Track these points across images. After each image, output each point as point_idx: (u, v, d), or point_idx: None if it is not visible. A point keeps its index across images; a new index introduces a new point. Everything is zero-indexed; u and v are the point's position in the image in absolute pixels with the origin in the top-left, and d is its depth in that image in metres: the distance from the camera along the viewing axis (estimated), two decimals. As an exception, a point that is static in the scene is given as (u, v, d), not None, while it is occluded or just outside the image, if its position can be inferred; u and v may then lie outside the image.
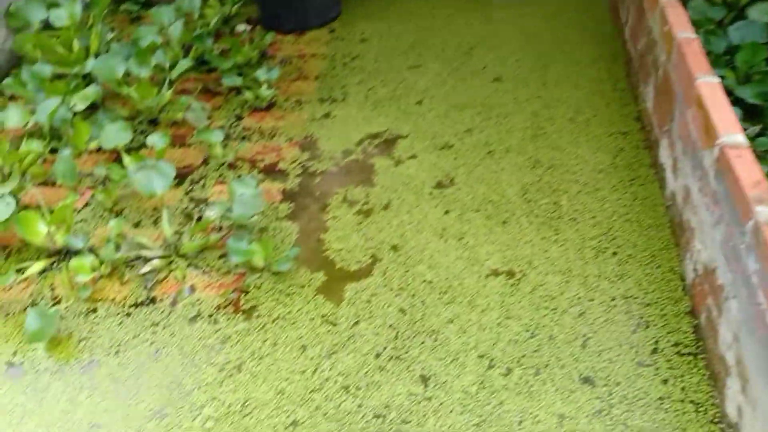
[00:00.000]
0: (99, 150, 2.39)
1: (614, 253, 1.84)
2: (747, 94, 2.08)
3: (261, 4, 3.10)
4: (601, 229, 1.92)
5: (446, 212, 2.03)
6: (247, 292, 1.82)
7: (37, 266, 1.89)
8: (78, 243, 1.91)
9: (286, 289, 1.82)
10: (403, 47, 2.90)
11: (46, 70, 2.51)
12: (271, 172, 2.27)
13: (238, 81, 2.61)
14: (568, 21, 2.96)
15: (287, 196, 2.16)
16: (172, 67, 2.59)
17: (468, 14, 3.09)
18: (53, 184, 2.26)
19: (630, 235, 1.89)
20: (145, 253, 1.93)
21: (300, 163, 2.29)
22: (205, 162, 2.32)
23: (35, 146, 2.21)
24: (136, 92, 2.42)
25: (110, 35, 2.83)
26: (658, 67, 2.02)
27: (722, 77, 2.02)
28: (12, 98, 2.74)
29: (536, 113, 2.41)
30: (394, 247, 1.93)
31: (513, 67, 2.69)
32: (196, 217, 2.06)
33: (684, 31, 1.83)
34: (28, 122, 2.36)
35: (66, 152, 2.00)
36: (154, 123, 2.52)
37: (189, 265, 1.91)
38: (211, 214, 1.90)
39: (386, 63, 2.80)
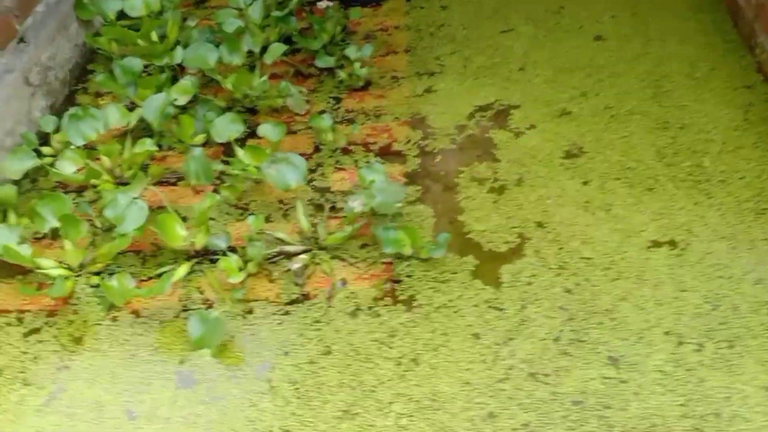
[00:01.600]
0: (205, 144, 2.33)
1: (774, 214, 1.79)
2: None
3: (333, -23, 3.00)
4: (753, 190, 1.86)
5: (584, 183, 1.97)
6: (399, 281, 1.79)
7: (182, 270, 1.86)
8: (221, 243, 1.86)
9: (439, 276, 1.78)
10: (487, 12, 2.80)
11: (137, 63, 2.44)
12: (387, 154, 2.21)
13: (330, 61, 2.53)
14: (654, -29, 2.85)
15: (410, 178, 2.10)
16: (262, 51, 2.51)
17: (547, -29, 2.98)
18: (167, 182, 2.21)
19: (785, 194, 1.84)
20: (286, 248, 1.89)
21: (415, 143, 2.23)
22: (317, 149, 2.26)
23: (149, 145, 2.15)
24: (234, 81, 2.35)
25: (191, 23, 2.74)
26: (798, 15, 1.93)
27: None
28: (98, 95, 2.68)
29: (649, 71, 2.33)
30: (540, 224, 1.88)
31: (610, 24, 2.59)
32: (328, 207, 2.02)
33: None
34: (129, 120, 2.30)
35: (198, 151, 1.95)
36: (252, 111, 2.45)
37: (333, 258, 1.87)
38: (356, 205, 1.84)
39: (475, 30, 2.70)
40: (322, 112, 2.39)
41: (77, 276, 1.91)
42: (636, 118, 2.16)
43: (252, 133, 2.30)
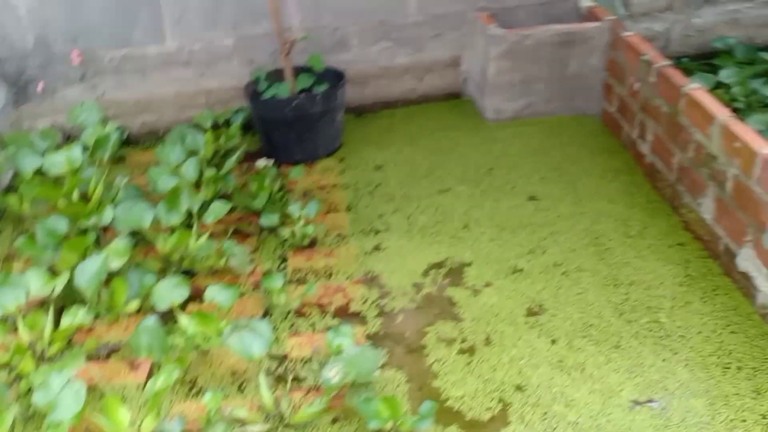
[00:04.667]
0: (139, 311, 2.12)
1: (739, 368, 1.84)
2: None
3: (266, 136, 3.00)
4: (713, 345, 1.91)
5: (553, 342, 1.95)
6: (382, 461, 1.62)
7: (127, 463, 1.59)
8: (175, 428, 1.63)
9: (425, 451, 1.64)
10: (421, 172, 2.87)
11: (62, 225, 2.24)
12: (345, 315, 2.10)
13: (275, 220, 2.46)
14: (567, 137, 3.08)
15: (373, 340, 2.00)
16: (201, 210, 2.40)
17: (470, 136, 3.14)
18: (97, 357, 1.96)
19: (743, 347, 1.90)
20: (249, 429, 1.68)
21: (373, 303, 2.15)
22: (268, 312, 2.12)
23: (81, 317, 1.92)
24: (175, 242, 2.20)
25: (120, 180, 2.59)
26: (725, 180, 2.11)
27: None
28: (6, 260, 2.41)
29: (587, 230, 2.43)
30: (519, 387, 1.81)
31: (541, 185, 2.73)
32: (290, 377, 1.85)
33: (765, 147, 1.93)
34: (54, 287, 2.06)
35: (151, 320, 1.75)
36: (188, 273, 2.29)
37: (302, 437, 1.69)
38: (332, 374, 1.69)
39: (412, 189, 2.75)
40: (267, 272, 2.27)
41: (-9, 477, 1.58)
42: (586, 275, 2.21)
43: (189, 298, 2.13)
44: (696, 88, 2.33)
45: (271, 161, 2.74)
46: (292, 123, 2.88)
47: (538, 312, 2.07)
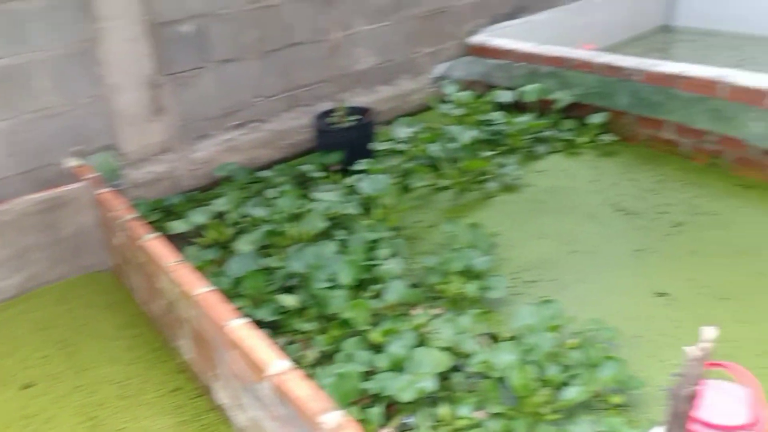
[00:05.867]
0: None
1: None
2: (265, 314, 2.43)
3: None
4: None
5: None
6: None
7: None
8: None
9: None
10: None
11: None
12: None
13: None
14: (77, 300, 2.93)
15: None
16: None
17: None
18: None
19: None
20: None
21: None
22: None
23: None
24: None
25: None
26: (188, 321, 2.17)
27: (240, 307, 2.31)
28: None
29: (84, 405, 2.29)
30: None
31: (40, 366, 2.50)
32: None
33: (199, 288, 2.03)
34: None
35: None
36: None
37: None
38: None
39: None
40: None
41: None
42: (75, 461, 2.04)
43: None
44: (151, 239, 2.40)
45: None
46: None
47: None
